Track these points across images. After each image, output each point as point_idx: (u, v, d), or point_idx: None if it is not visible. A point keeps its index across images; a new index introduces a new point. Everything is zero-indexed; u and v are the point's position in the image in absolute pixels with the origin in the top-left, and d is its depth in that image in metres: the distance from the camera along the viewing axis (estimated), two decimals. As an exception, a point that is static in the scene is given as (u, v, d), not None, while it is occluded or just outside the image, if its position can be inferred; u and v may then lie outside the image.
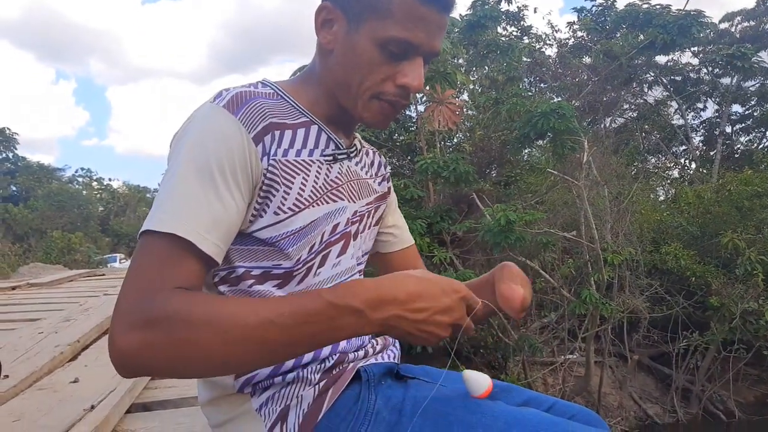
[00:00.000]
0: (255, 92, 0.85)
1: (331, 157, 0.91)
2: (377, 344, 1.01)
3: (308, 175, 0.86)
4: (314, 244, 0.88)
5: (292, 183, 0.84)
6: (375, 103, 0.87)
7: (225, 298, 0.75)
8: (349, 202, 0.94)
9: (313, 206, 0.86)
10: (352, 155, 0.98)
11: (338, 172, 0.93)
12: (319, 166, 0.89)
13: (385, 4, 0.81)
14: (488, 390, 0.81)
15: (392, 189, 1.16)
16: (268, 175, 0.82)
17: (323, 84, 0.91)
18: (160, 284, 0.70)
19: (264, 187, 0.82)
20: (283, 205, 0.83)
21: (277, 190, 0.82)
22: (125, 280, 0.71)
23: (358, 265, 1.00)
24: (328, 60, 0.89)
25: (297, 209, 0.84)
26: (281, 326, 0.67)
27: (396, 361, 1.00)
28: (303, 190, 0.85)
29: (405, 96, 0.87)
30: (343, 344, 0.93)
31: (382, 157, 1.15)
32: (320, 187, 0.88)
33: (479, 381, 0.82)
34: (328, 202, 0.89)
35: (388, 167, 1.15)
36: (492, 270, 0.98)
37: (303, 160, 0.86)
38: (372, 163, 1.08)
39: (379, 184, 1.08)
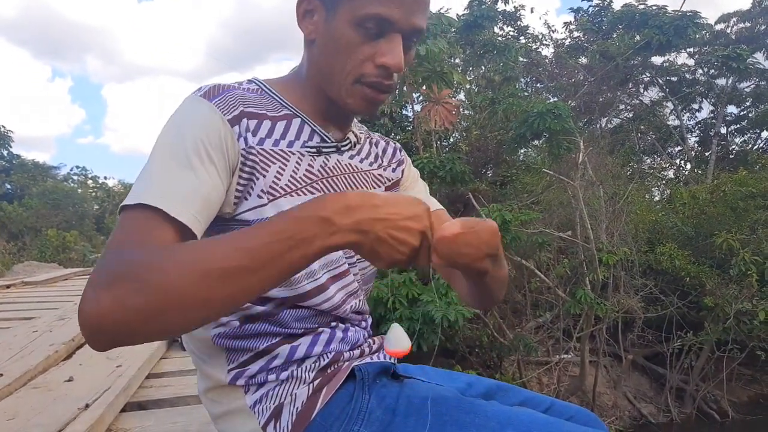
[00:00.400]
0: (235, 86, 0.87)
1: (314, 150, 0.91)
2: (373, 344, 1.01)
3: (286, 165, 0.86)
4: None
5: (267, 170, 0.84)
6: (358, 87, 0.86)
7: (192, 242, 0.70)
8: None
9: (290, 195, 0.86)
10: (343, 149, 0.97)
11: (323, 165, 0.92)
12: (299, 158, 0.89)
13: None
14: (401, 353, 0.79)
15: (410, 169, 1.13)
16: (249, 158, 0.83)
17: (310, 77, 0.91)
18: (130, 245, 0.68)
19: (246, 169, 0.83)
20: (262, 190, 0.84)
21: (257, 175, 0.83)
22: (101, 253, 0.70)
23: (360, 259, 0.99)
24: (312, 51, 0.89)
25: (272, 197, 0.84)
26: (247, 250, 0.64)
27: (393, 361, 1.00)
28: (279, 179, 0.85)
29: (387, 76, 0.85)
30: (338, 343, 0.93)
31: (397, 144, 1.14)
32: (300, 177, 0.88)
33: (400, 340, 0.80)
34: (307, 194, 0.88)
35: (403, 152, 1.13)
36: None
37: (281, 150, 0.87)
38: (384, 152, 1.08)
39: (393, 170, 1.07)
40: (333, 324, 0.94)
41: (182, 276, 0.61)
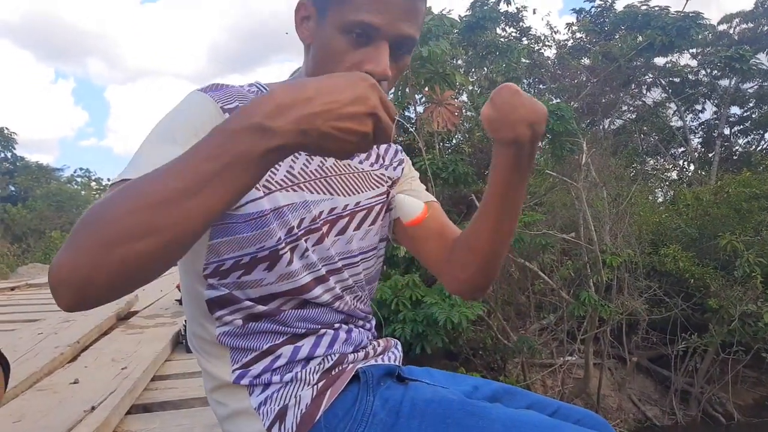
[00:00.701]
0: (236, 86, 0.90)
1: None
2: (378, 346, 1.01)
3: (282, 161, 0.88)
4: (292, 227, 0.88)
5: None
6: None
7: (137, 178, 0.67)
8: (338, 195, 0.94)
9: (286, 190, 0.87)
10: None
11: (321, 165, 0.93)
12: (296, 155, 0.90)
13: None
14: (420, 217, 0.77)
15: (411, 168, 1.13)
16: None
17: None
18: None
19: None
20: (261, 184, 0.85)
21: None
22: None
23: (361, 254, 0.99)
24: (308, 56, 0.91)
25: (268, 190, 0.85)
26: (181, 174, 0.60)
27: (397, 363, 1.00)
28: (274, 173, 0.87)
29: None
30: (342, 345, 0.94)
31: (398, 145, 1.15)
32: (297, 173, 0.89)
33: (413, 206, 0.77)
34: (304, 190, 0.89)
35: (403, 152, 1.14)
36: None
37: None
38: (385, 152, 1.08)
39: (394, 169, 1.08)
40: (336, 325, 0.95)
41: (123, 208, 0.59)
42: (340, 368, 0.91)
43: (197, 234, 0.62)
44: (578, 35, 13.47)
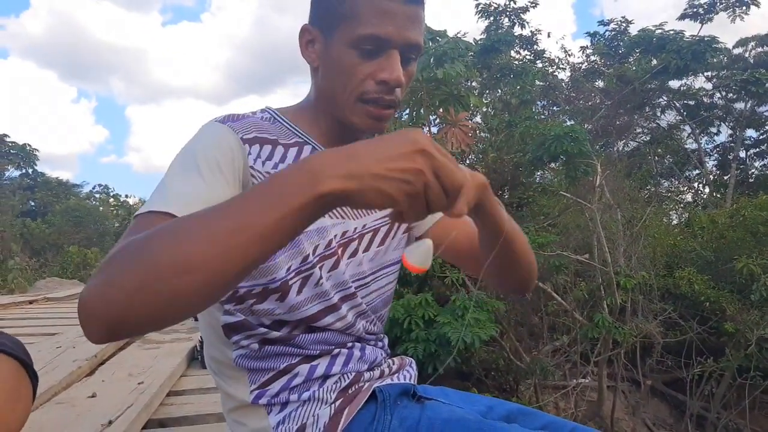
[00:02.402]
0: (250, 115, 0.93)
1: None
2: (393, 365, 1.03)
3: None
4: (307, 255, 0.90)
5: None
6: (360, 106, 0.89)
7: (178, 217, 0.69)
8: (349, 219, 0.96)
9: None
10: None
11: None
12: None
13: (350, 7, 0.85)
14: (420, 269, 0.73)
15: None
16: (258, 177, 0.87)
17: (318, 102, 0.96)
18: None
19: None
20: None
21: None
22: None
23: (373, 274, 1.01)
24: (317, 78, 0.94)
25: None
26: (225, 214, 0.60)
27: (413, 382, 1.02)
28: None
29: (388, 91, 0.88)
30: (357, 363, 0.95)
31: None
32: None
33: (425, 257, 0.73)
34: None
35: None
36: None
37: None
38: None
39: None
40: (349, 345, 0.97)
41: (164, 243, 0.59)
42: (357, 387, 0.93)
43: (238, 276, 0.61)
44: (592, 58, 13.51)
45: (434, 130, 8.75)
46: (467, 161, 10.48)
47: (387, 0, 0.84)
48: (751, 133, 14.47)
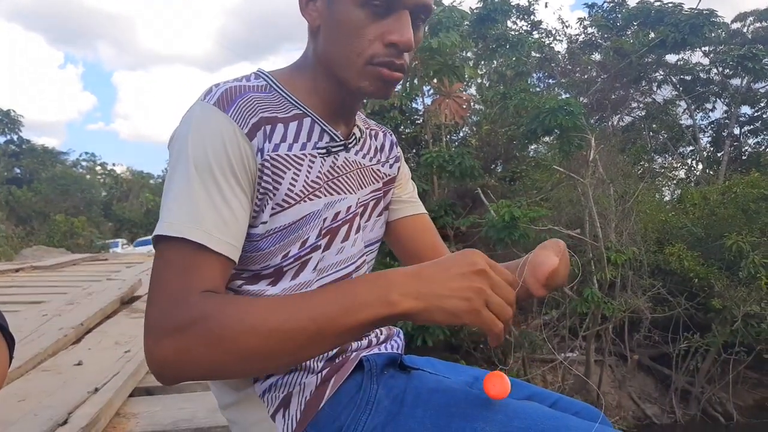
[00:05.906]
0: (246, 86, 0.84)
1: (324, 150, 0.89)
2: (381, 334, 1.01)
3: (300, 170, 0.85)
4: (307, 238, 0.86)
5: (283, 178, 0.83)
6: (370, 68, 0.83)
7: (254, 298, 0.78)
8: (347, 194, 0.92)
9: (304, 201, 0.85)
10: (350, 146, 0.95)
11: (332, 165, 0.90)
12: (311, 160, 0.87)
13: None
14: (500, 395, 0.79)
15: (404, 166, 1.12)
16: (265, 171, 0.81)
17: (318, 66, 0.89)
18: (185, 290, 0.71)
19: (263, 183, 0.81)
20: (277, 202, 0.82)
21: (271, 187, 0.82)
22: (151, 291, 0.72)
23: (362, 255, 0.98)
24: (317, 39, 0.87)
25: (287, 205, 0.83)
26: (304, 313, 0.69)
27: (400, 352, 1.00)
28: (293, 186, 0.84)
29: (397, 55, 0.83)
30: None
31: (393, 136, 1.11)
32: (312, 181, 0.86)
33: (504, 385, 0.80)
34: (321, 196, 0.87)
35: (398, 147, 1.11)
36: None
37: (294, 155, 0.85)
38: (382, 147, 1.05)
39: (390, 166, 1.06)
40: None
41: (244, 333, 0.67)
42: (344, 356, 0.91)
43: (296, 364, 0.78)
44: (590, 30, 13.39)
45: (428, 101, 8.67)
46: (461, 133, 10.45)
47: None
48: (746, 109, 14.49)
